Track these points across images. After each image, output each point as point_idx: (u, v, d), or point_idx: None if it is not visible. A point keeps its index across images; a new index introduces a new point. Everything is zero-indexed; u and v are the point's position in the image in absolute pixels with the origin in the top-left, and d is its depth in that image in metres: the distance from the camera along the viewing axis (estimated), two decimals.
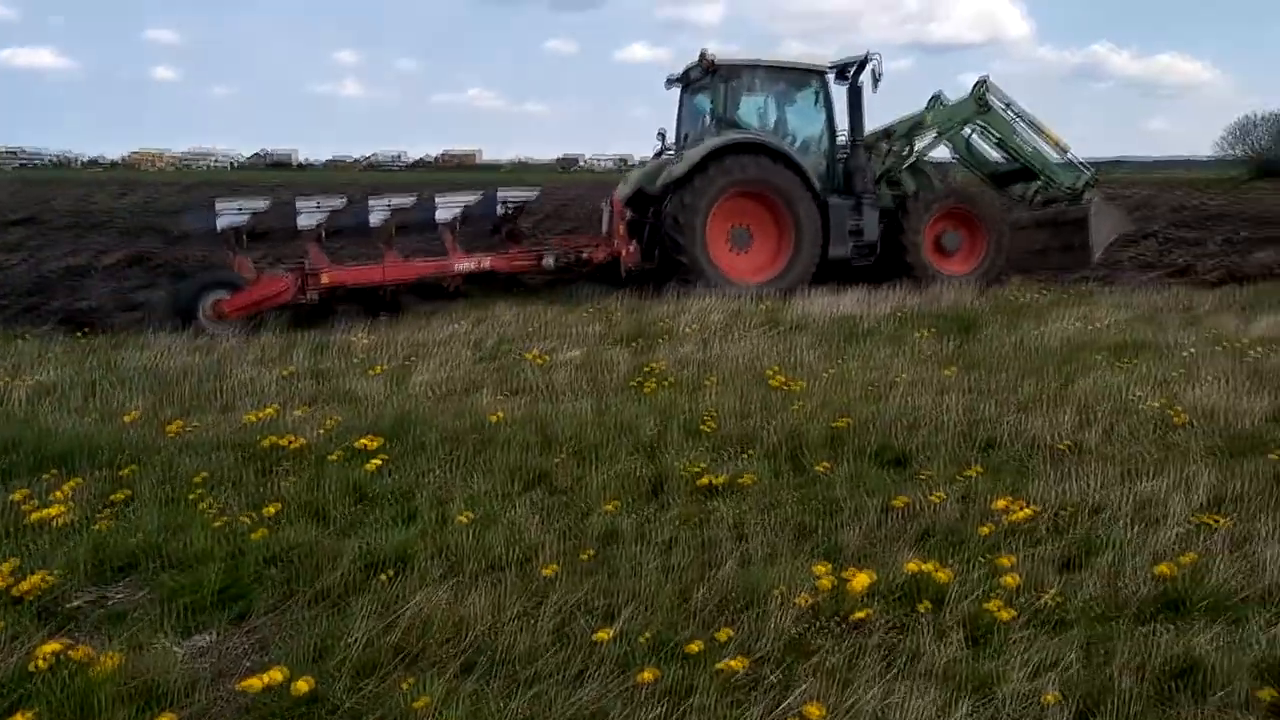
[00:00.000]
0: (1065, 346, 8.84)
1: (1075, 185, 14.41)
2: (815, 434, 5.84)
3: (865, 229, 12.90)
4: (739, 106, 12.85)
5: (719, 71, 12.61)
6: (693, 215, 11.82)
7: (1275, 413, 6.47)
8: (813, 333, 9.56)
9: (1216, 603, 3.70)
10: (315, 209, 11.28)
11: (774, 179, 12.19)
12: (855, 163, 13.05)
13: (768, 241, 12.47)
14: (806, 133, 13.28)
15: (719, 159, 11.94)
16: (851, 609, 3.62)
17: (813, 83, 13.26)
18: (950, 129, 14.28)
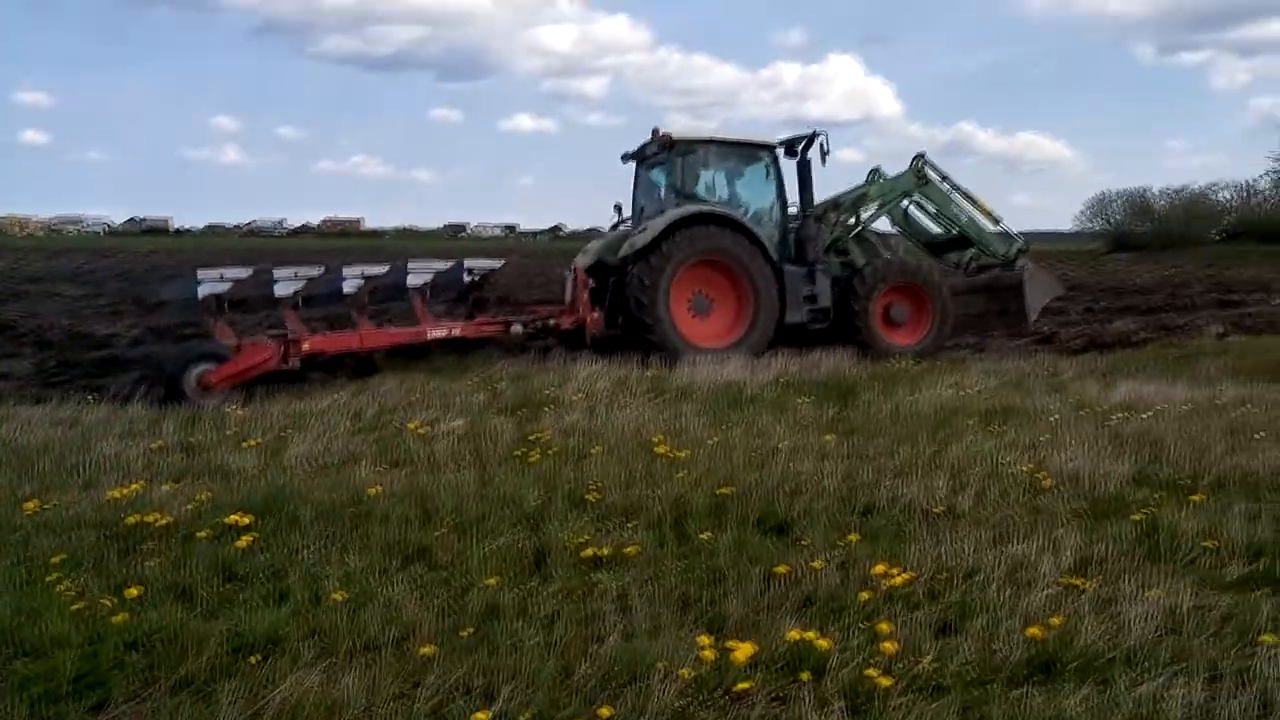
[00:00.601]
0: (939, 412, 9.10)
1: (1009, 253, 15.09)
2: (699, 502, 5.86)
3: (819, 295, 13.50)
4: (696, 180, 13.46)
5: (676, 147, 13.23)
6: (656, 283, 12.28)
7: (1136, 476, 6.76)
8: (698, 400, 9.64)
9: (1085, 664, 3.80)
10: (293, 278, 11.44)
11: (732, 248, 12.73)
12: (806, 232, 13.65)
13: (727, 308, 12.96)
14: (759, 204, 13.87)
15: (680, 229, 12.43)
16: (734, 681, 3.60)
17: (763, 157, 13.93)
18: (891, 201, 14.95)
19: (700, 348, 12.40)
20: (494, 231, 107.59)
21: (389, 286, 12.16)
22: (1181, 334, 17.77)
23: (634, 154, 14.20)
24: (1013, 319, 14.79)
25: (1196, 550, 5.16)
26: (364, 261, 13.48)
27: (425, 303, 12.24)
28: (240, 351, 10.44)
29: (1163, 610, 4.27)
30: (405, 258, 13.68)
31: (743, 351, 12.36)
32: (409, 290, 12.13)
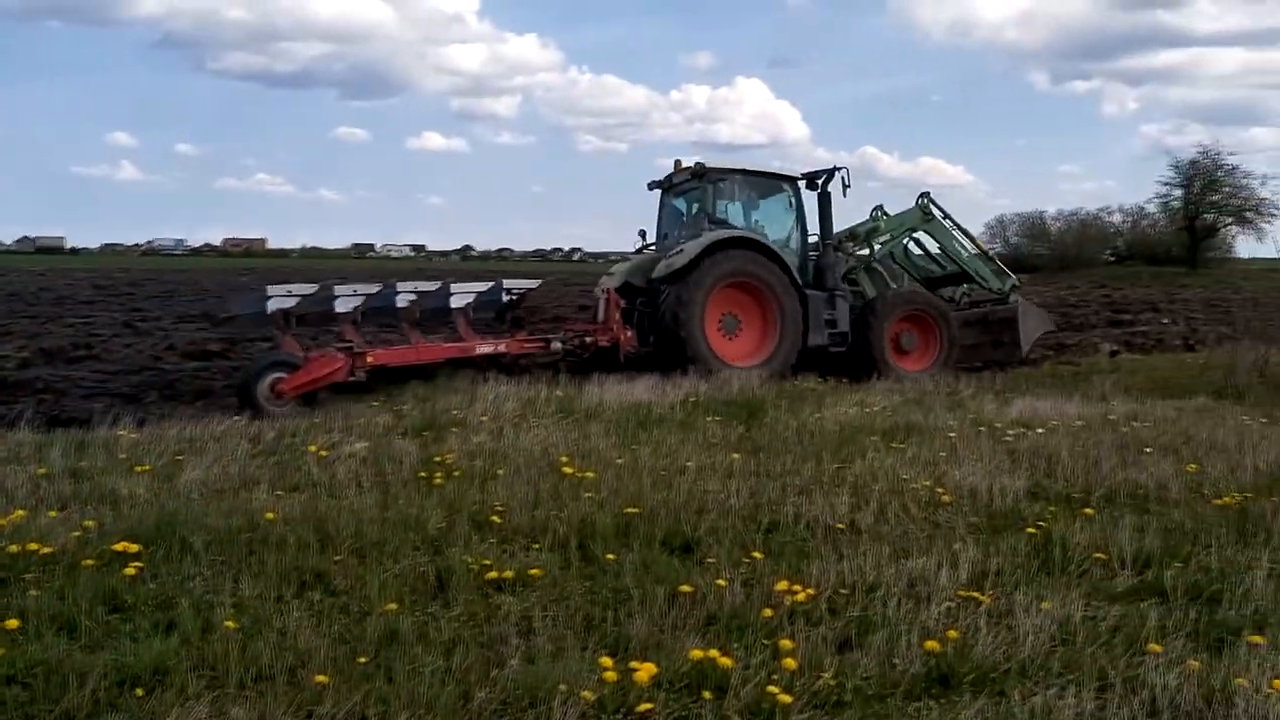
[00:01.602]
0: (842, 430, 9.22)
1: (1003, 289, 15.82)
2: (606, 523, 5.83)
3: (838, 320, 14.14)
4: (725, 207, 14.12)
5: (707, 175, 13.84)
6: (691, 303, 12.83)
7: (1030, 490, 6.94)
8: (605, 420, 9.61)
9: (981, 676, 3.87)
10: (352, 294, 12.17)
11: (763, 273, 13.37)
12: (826, 260, 14.34)
13: (754, 329, 13.58)
14: (781, 233, 14.46)
15: (714, 253, 13.01)
16: (636, 702, 3.58)
17: (786, 188, 14.64)
18: (900, 235, 15.61)
19: (730, 365, 12.92)
20: (402, 251, 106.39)
21: (435, 306, 12.74)
22: (1075, 352, 18.37)
23: (660, 183, 14.83)
24: (1006, 351, 15.36)
25: (1088, 562, 5.31)
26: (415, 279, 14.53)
27: (469, 321, 12.84)
28: (311, 362, 11.04)
29: (1055, 621, 4.37)
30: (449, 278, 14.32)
31: (769, 370, 12.92)
32: (453, 310, 12.74)
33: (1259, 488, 6.98)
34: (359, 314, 12.19)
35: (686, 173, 14.17)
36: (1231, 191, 62.14)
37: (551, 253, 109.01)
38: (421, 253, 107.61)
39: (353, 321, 12.18)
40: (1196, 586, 4.92)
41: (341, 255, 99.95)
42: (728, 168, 14.18)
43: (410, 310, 12.43)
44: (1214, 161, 62.04)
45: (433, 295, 12.77)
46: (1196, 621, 4.47)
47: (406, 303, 12.39)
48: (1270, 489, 6.96)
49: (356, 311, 12.14)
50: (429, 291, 12.81)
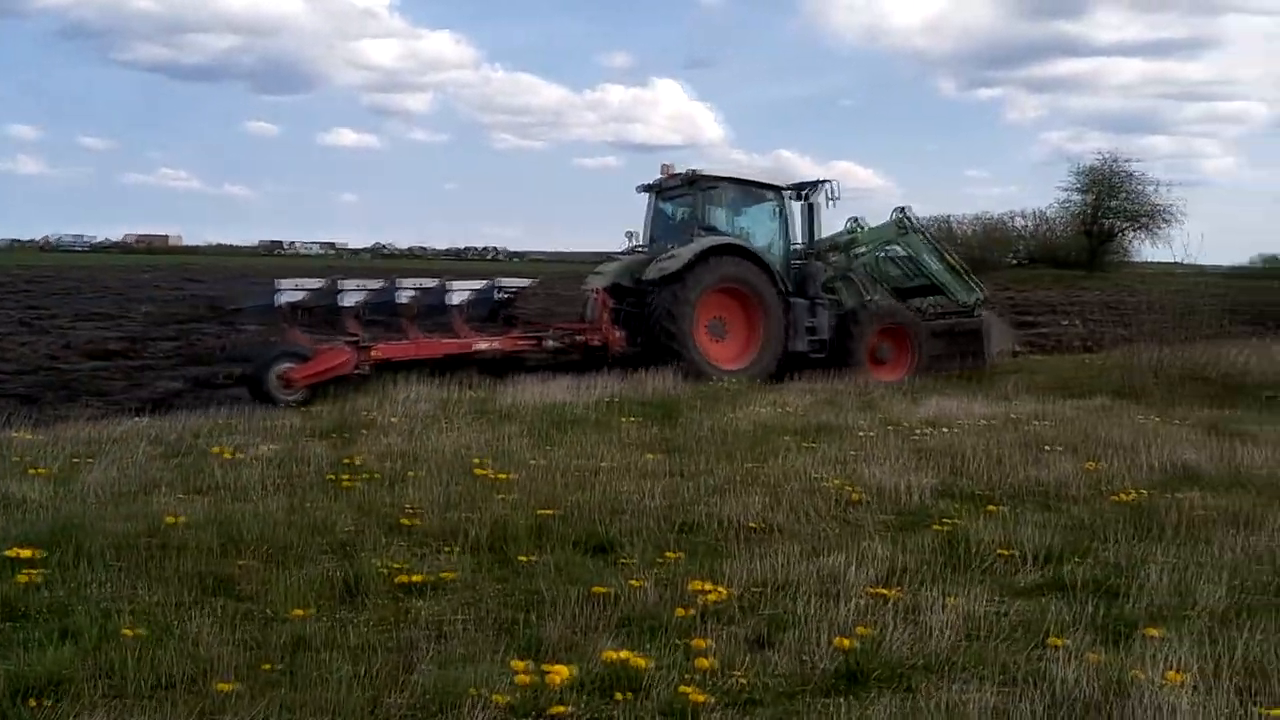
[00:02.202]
0: (757, 430, 9.31)
1: (969, 302, 16.30)
2: (521, 524, 5.79)
3: (819, 328, 14.51)
4: (714, 213, 14.41)
5: (699, 182, 14.17)
6: (682, 307, 13.15)
7: (939, 488, 7.09)
8: (522, 421, 9.55)
9: (890, 672, 3.93)
10: (357, 289, 12.52)
11: (751, 279, 13.74)
12: (809, 270, 14.70)
13: (740, 333, 13.95)
14: (767, 240, 14.75)
15: (706, 259, 13.33)
16: (550, 704, 3.55)
17: (773, 197, 14.98)
18: (876, 247, 16.05)
19: (718, 368, 13.25)
20: (314, 249, 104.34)
21: (432, 303, 13.03)
22: None
23: (650, 186, 15.01)
24: (970, 361, 15.79)
25: (993, 558, 5.44)
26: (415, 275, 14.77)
27: (465, 318, 13.10)
28: (320, 354, 11.42)
29: (962, 617, 4.46)
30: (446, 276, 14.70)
31: (753, 375, 13.22)
32: (449, 307, 13.04)
33: (1155, 484, 7.23)
34: (362, 309, 12.45)
35: (678, 178, 14.43)
36: (1129, 197, 64.28)
37: (466, 251, 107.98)
38: (333, 250, 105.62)
39: (356, 315, 12.38)
40: (1097, 581, 5.07)
41: (250, 253, 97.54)
42: (719, 176, 14.49)
43: (409, 306, 12.69)
44: (1113, 168, 64.14)
45: (432, 292, 13.08)
46: (1096, 615, 4.60)
47: (407, 299, 12.67)
48: (1166, 486, 7.22)
49: (360, 306, 12.42)
50: (429, 288, 13.14)
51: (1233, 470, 7.71)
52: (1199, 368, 13.86)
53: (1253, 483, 7.36)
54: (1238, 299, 30.70)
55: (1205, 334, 15.48)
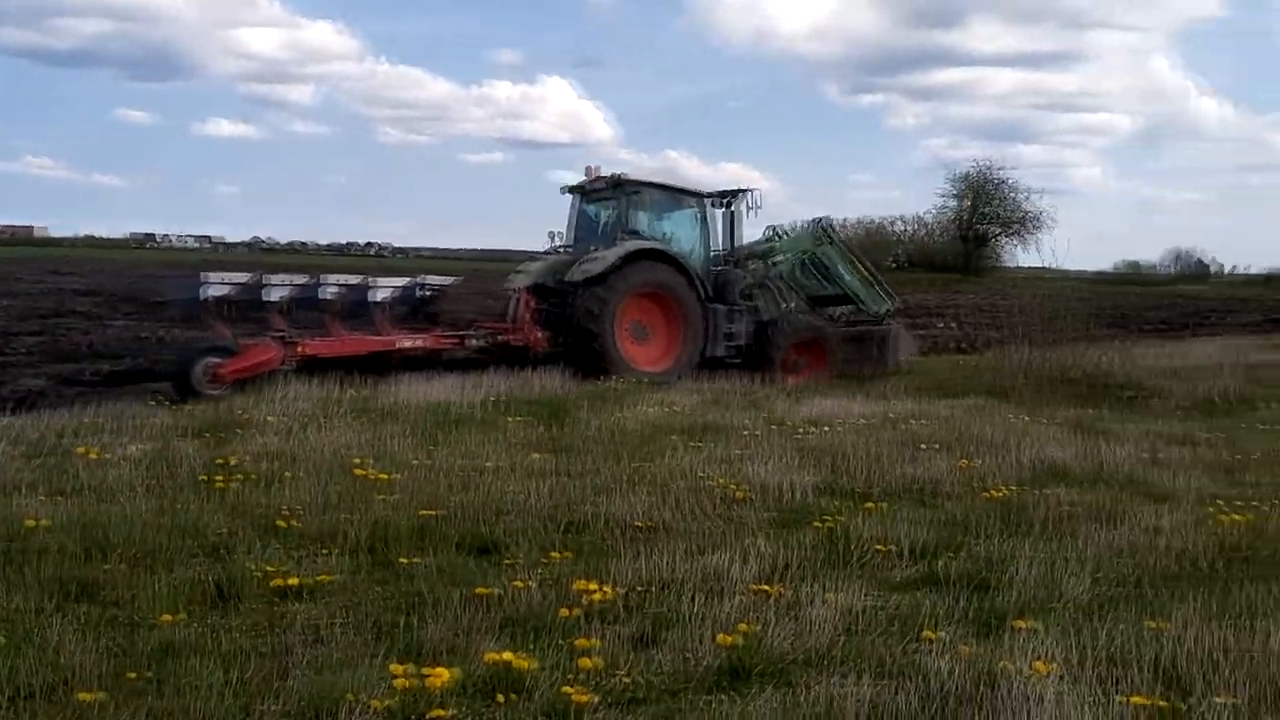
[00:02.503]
0: (645, 429, 9.35)
1: (879, 312, 16.82)
2: (402, 526, 5.69)
3: (737, 334, 14.80)
4: (638, 218, 14.59)
5: (624, 186, 14.39)
6: (605, 309, 13.33)
7: (820, 486, 7.22)
8: (404, 421, 9.39)
9: (772, 667, 3.98)
10: (283, 284, 12.38)
11: (672, 283, 13.98)
12: (729, 276, 14.94)
13: (661, 337, 14.19)
14: (688, 245, 14.98)
15: (629, 262, 13.54)
16: (429, 708, 3.49)
17: (695, 204, 15.24)
18: (794, 255, 16.31)
19: (638, 369, 13.43)
20: (188, 242, 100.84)
21: (356, 299, 12.93)
22: None
23: (575, 187, 15.23)
24: (876, 366, 16.25)
25: (871, 554, 5.56)
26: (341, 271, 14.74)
27: (387, 316, 13.05)
28: (248, 350, 11.38)
29: (841, 612, 4.55)
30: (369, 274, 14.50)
31: (672, 378, 13.40)
32: (372, 304, 12.97)
33: (1024, 481, 7.50)
34: (287, 304, 12.33)
35: (603, 181, 14.67)
36: (1003, 204, 66.77)
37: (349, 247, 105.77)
38: (209, 244, 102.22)
39: (281, 311, 12.28)
40: (969, 575, 5.23)
41: (121, 245, 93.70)
42: (644, 181, 14.73)
43: (334, 303, 12.64)
44: (987, 176, 66.52)
45: (356, 289, 13.05)
46: (969, 608, 4.74)
47: (331, 295, 12.63)
48: (1034, 482, 7.50)
49: (286, 302, 12.30)
50: (353, 285, 13.09)
51: (1096, 467, 8.05)
52: (1066, 369, 14.41)
53: (1114, 479, 7.70)
54: (1102, 303, 32.11)
55: (1071, 337, 16.13)
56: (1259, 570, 5.49)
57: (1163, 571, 5.44)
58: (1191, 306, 41.79)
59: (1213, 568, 5.54)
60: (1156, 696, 3.72)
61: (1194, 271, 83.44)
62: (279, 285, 12.38)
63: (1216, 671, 3.96)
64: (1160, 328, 29.74)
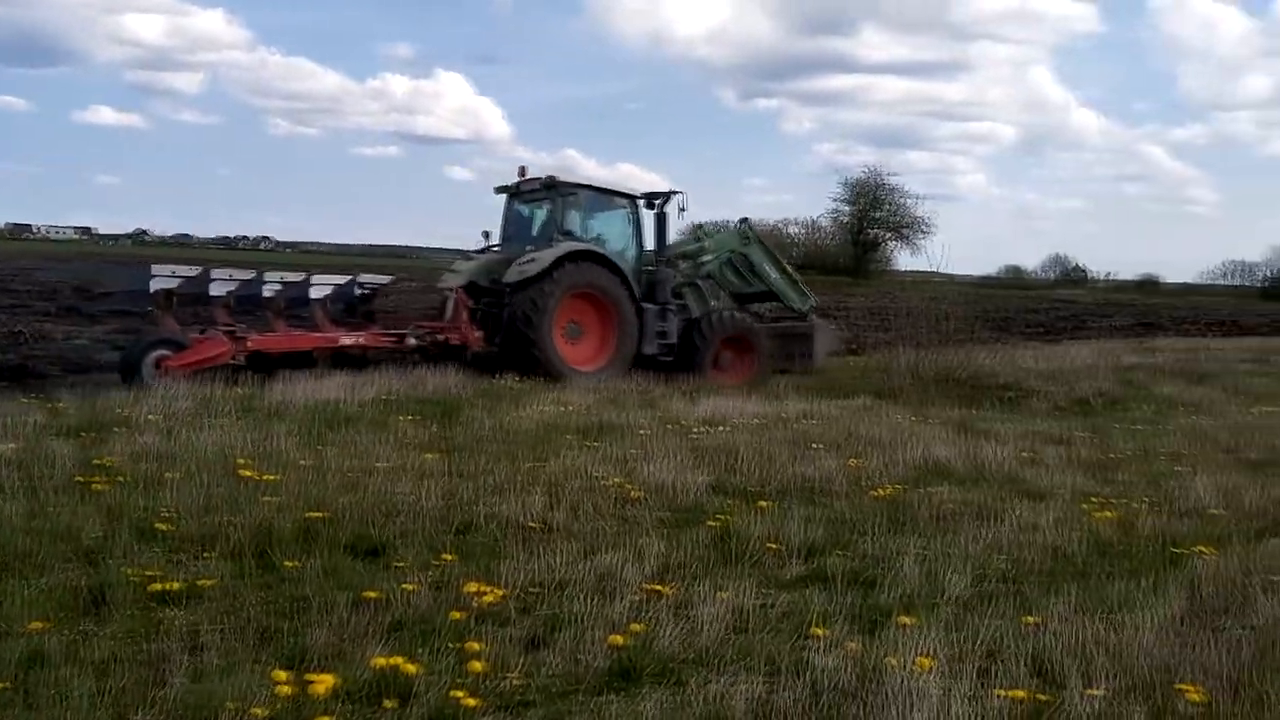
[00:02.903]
0: (539, 429, 9.30)
1: (802, 309, 17.26)
2: (287, 528, 5.54)
3: (669, 333, 15.06)
4: (572, 219, 14.79)
5: (558, 188, 14.60)
6: (541, 310, 13.53)
7: (713, 485, 7.28)
8: (291, 420, 9.16)
9: (662, 667, 3.99)
10: (228, 279, 12.47)
11: (607, 285, 14.19)
12: (660, 276, 15.13)
13: (594, 337, 14.42)
14: (620, 246, 15.24)
15: (564, 264, 13.73)
16: (313, 715, 3.41)
17: (627, 205, 15.48)
18: (721, 255, 16.69)
19: (573, 369, 13.70)
20: (65, 234, 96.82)
21: (295, 296, 13.10)
22: None
23: (508, 188, 15.43)
24: (802, 362, 16.68)
25: (762, 552, 5.63)
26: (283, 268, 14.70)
27: (326, 313, 13.24)
28: (199, 343, 11.47)
29: (731, 610, 4.59)
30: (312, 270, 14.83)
31: (606, 377, 13.59)
32: (312, 301, 13.18)
33: (910, 480, 7.69)
34: (232, 299, 12.45)
35: (536, 182, 14.93)
36: (892, 209, 68.47)
37: (237, 240, 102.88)
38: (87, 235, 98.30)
39: (225, 305, 12.40)
40: (855, 573, 5.33)
41: None
42: (576, 183, 14.98)
43: (276, 299, 12.80)
44: (877, 181, 68.13)
45: (296, 286, 13.21)
46: (855, 606, 4.84)
47: (272, 292, 12.77)
48: (919, 481, 7.69)
49: (230, 296, 12.43)
50: (294, 282, 13.26)
51: (978, 466, 8.29)
52: (950, 370, 14.85)
53: (995, 478, 7.95)
54: (985, 306, 33.14)
55: (956, 339, 16.64)
56: (1130, 565, 5.73)
57: (1039, 567, 5.63)
58: (1069, 310, 43.47)
59: (1086, 563, 5.76)
60: (1033, 690, 3.85)
61: (1072, 276, 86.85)
62: (224, 280, 12.47)
63: (1090, 664, 4.12)
64: (1039, 331, 30.82)
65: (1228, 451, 9.66)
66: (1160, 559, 5.83)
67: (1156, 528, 6.46)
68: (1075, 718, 3.66)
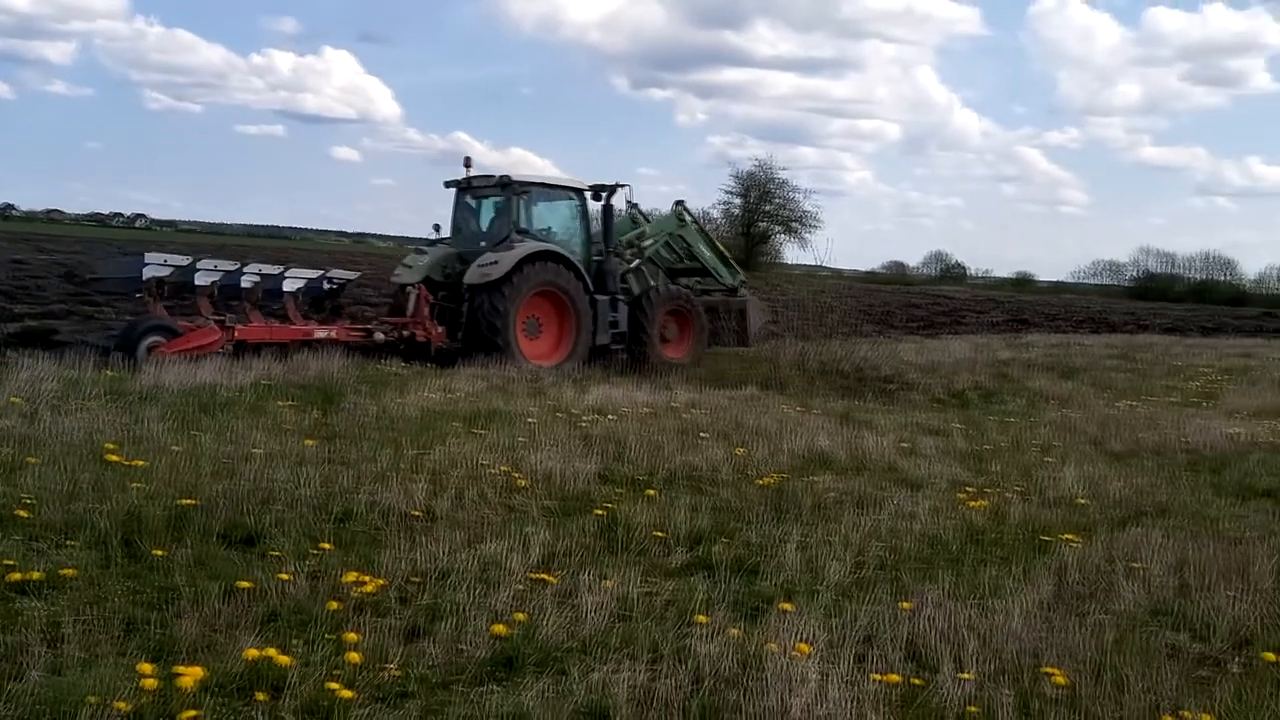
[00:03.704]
0: (424, 416, 9.16)
1: (735, 284, 17.90)
2: (157, 516, 5.33)
3: (620, 322, 15.52)
4: (527, 215, 15.13)
5: (512, 186, 14.95)
6: (508, 309, 13.99)
7: (601, 473, 7.28)
8: (164, 404, 8.82)
9: (545, 656, 3.97)
10: (212, 269, 12.84)
11: (565, 283, 14.61)
12: (608, 267, 15.50)
13: (552, 331, 14.84)
14: (570, 238, 15.65)
15: (523, 267, 14.13)
16: (180, 709, 3.28)
17: (576, 198, 15.85)
18: (661, 238, 17.31)
19: (534, 364, 13.93)
20: None
21: (271, 288, 13.40)
22: None
23: (458, 182, 15.65)
24: (737, 336, 17.25)
25: (648, 541, 5.64)
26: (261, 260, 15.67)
27: (297, 305, 13.60)
28: (191, 332, 11.90)
29: (616, 599, 4.59)
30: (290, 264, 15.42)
31: (568, 368, 14.03)
32: (285, 293, 13.47)
33: (793, 469, 7.81)
34: (215, 289, 12.80)
35: (491, 179, 15.32)
36: (781, 203, 69.44)
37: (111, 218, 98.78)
38: None
39: (209, 295, 12.77)
40: (739, 560, 5.39)
41: None
42: (530, 181, 15.35)
43: (253, 291, 13.12)
44: (767, 175, 69.01)
45: (272, 279, 13.52)
46: (738, 593, 4.89)
47: (250, 283, 13.10)
48: (803, 470, 7.82)
49: (214, 286, 12.78)
50: (270, 275, 13.60)
51: (859, 456, 8.47)
52: (835, 362, 15.14)
53: (875, 467, 8.14)
54: (869, 301, 33.92)
55: (841, 332, 17.00)
56: (1001, 552, 5.93)
57: (916, 555, 5.79)
58: (948, 306, 44.74)
59: (960, 551, 5.93)
60: (907, 674, 3.95)
61: (952, 273, 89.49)
62: (209, 270, 12.83)
63: (961, 648, 4.24)
64: (920, 325, 31.67)
65: (1094, 443, 10.06)
66: (1030, 546, 6.04)
67: (1026, 516, 6.70)
68: (947, 701, 3.76)
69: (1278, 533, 6.61)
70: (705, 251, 17.81)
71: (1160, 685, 3.98)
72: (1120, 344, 25.96)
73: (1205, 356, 22.99)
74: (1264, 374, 18.50)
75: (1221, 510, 7.32)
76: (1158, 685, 3.98)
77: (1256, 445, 10.20)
